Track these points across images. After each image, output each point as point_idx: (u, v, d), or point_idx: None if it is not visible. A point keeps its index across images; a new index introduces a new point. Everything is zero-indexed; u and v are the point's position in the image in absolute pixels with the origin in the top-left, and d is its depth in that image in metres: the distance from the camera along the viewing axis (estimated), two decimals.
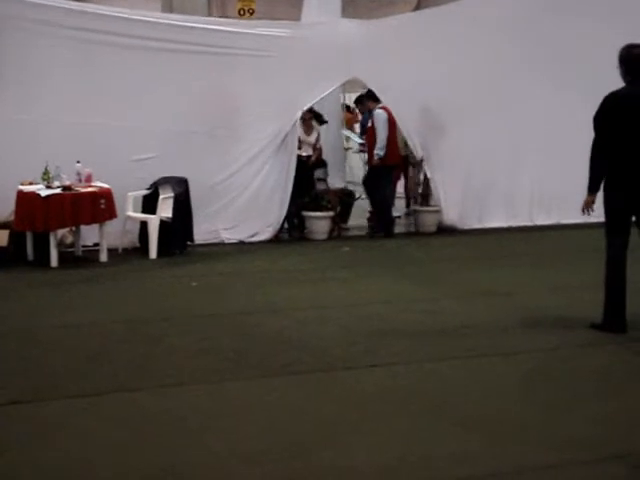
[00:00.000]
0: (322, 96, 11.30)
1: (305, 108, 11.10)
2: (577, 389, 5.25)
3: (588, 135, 6.38)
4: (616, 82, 6.42)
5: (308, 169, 11.55)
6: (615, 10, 11.47)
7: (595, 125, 6.33)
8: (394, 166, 11.69)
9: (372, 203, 11.79)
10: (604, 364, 5.79)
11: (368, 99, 11.85)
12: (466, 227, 11.85)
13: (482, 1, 12.01)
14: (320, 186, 11.73)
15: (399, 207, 12.92)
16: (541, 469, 4.11)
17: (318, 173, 11.91)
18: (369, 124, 11.65)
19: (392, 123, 11.31)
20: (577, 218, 10.10)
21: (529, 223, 12.19)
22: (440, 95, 11.36)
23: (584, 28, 11.51)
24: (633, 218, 6.36)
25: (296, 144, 11.17)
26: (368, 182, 11.82)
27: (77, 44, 9.99)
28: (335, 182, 12.72)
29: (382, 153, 11.22)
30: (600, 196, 6.40)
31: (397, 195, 12.79)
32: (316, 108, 11.75)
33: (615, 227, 6.36)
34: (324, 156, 12.23)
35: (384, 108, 11.32)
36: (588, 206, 6.43)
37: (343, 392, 5.19)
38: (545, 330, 6.59)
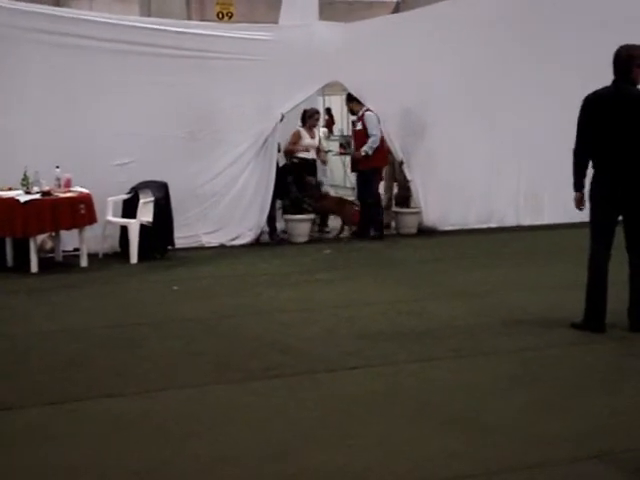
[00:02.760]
0: (303, 99, 11.29)
1: (285, 111, 11.07)
2: (559, 388, 5.27)
3: (570, 135, 6.42)
4: (595, 84, 6.47)
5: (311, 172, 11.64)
6: (597, 16, 11.55)
7: (578, 124, 6.37)
8: (381, 168, 11.68)
9: (363, 206, 11.59)
10: (585, 363, 5.83)
11: (351, 101, 11.68)
12: (446, 228, 11.88)
13: (461, 4, 12.05)
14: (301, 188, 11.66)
15: None
16: (524, 468, 4.12)
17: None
18: (358, 127, 11.47)
19: None
20: (558, 218, 10.22)
21: (509, 223, 12.22)
22: (420, 97, 11.40)
23: (566, 31, 11.61)
24: (619, 217, 6.40)
25: (276, 147, 11.16)
26: (359, 185, 11.81)
27: (55, 49, 9.93)
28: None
29: (370, 152, 11.16)
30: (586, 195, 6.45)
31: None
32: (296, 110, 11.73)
33: (600, 227, 6.39)
34: None
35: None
36: (579, 204, 6.47)
37: (326, 394, 5.19)
38: (527, 330, 6.62)
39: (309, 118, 11.59)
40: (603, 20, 11.27)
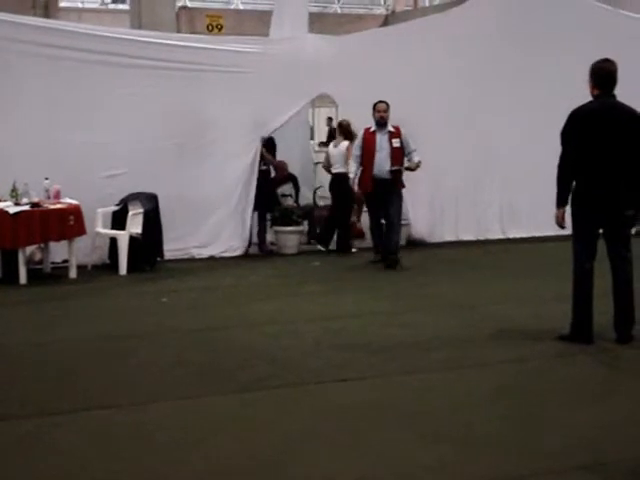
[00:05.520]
0: (292, 113, 11.32)
1: (279, 125, 11.10)
2: (547, 400, 5.30)
3: (558, 148, 6.47)
4: (579, 98, 6.53)
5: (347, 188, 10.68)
6: (587, 34, 11.65)
7: (562, 139, 6.42)
8: None
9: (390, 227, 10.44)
10: (573, 375, 5.86)
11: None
12: (435, 240, 11.93)
13: (450, 16, 12.15)
14: (287, 202, 11.70)
15: None
16: (513, 479, 4.15)
17: (284, 189, 11.89)
18: (396, 144, 10.17)
19: None
20: (547, 230, 10.24)
21: (499, 236, 12.28)
22: (409, 110, 11.41)
23: (555, 48, 11.73)
24: (600, 230, 6.45)
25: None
26: (392, 206, 10.33)
27: (45, 60, 9.95)
28: (304, 198, 12.67)
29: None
30: (568, 209, 6.49)
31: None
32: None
33: (582, 240, 6.44)
34: (292, 170, 12.22)
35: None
36: (559, 220, 6.51)
37: (315, 406, 5.21)
38: (514, 342, 6.65)
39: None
40: (589, 37, 11.37)
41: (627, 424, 4.88)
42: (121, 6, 29.03)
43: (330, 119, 23.17)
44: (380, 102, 10.36)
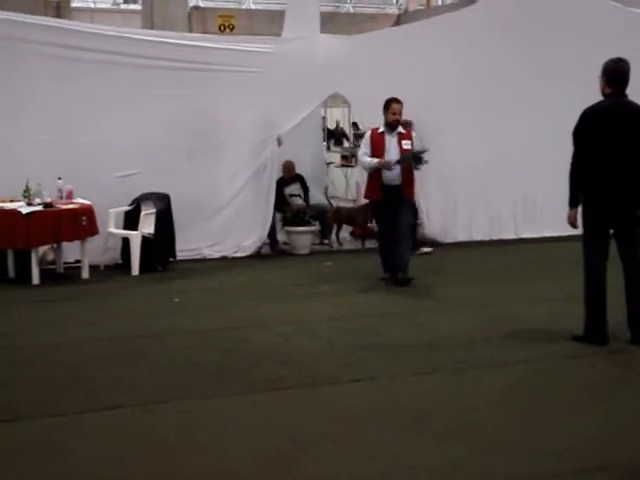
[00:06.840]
0: (305, 113, 11.27)
1: (292, 125, 11.07)
2: (559, 401, 5.28)
3: (571, 148, 6.44)
4: (592, 97, 6.50)
5: None
6: (599, 32, 11.62)
7: (574, 139, 6.39)
8: None
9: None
10: (586, 376, 5.84)
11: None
12: (448, 240, 11.89)
13: (462, 16, 12.11)
14: (295, 202, 11.67)
15: None
16: None
17: (291, 189, 11.85)
18: (406, 146, 9.18)
19: None
20: (560, 231, 10.20)
21: (512, 236, 12.24)
22: (421, 109, 11.39)
23: (565, 45, 11.69)
24: (611, 231, 6.42)
25: (276, 160, 11.16)
26: (405, 215, 9.35)
27: (57, 61, 9.95)
28: (315, 197, 12.64)
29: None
30: (579, 209, 6.46)
31: None
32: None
33: (593, 240, 6.40)
34: (301, 171, 12.17)
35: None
36: (572, 220, 6.48)
37: (327, 407, 5.20)
38: (527, 342, 6.62)
39: None
40: (601, 34, 11.33)
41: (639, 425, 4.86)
42: (133, 6, 29.12)
43: (324, 118, 23.06)
44: (395, 101, 9.26)
